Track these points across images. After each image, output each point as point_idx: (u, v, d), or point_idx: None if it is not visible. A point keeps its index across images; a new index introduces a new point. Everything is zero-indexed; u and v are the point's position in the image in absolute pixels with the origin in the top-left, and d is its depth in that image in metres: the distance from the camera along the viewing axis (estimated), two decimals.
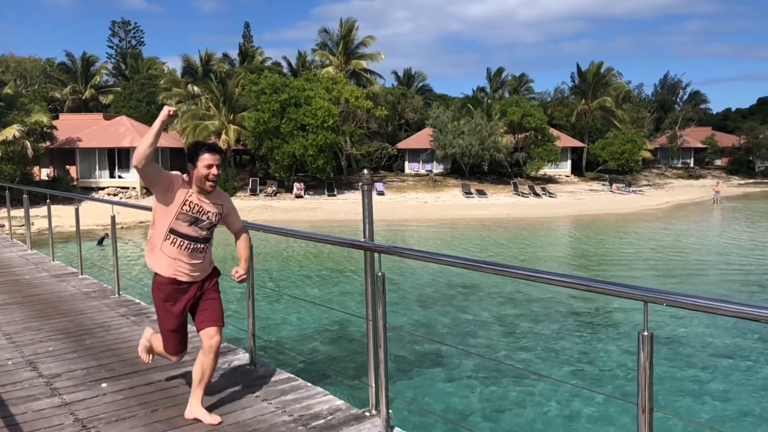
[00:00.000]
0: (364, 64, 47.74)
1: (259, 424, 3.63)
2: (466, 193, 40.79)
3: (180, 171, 3.78)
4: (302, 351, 10.39)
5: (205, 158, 3.59)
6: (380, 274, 3.61)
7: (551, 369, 9.75)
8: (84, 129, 38.68)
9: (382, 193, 39.21)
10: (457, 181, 43.67)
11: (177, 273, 3.66)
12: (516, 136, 45.13)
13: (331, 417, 3.72)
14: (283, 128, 35.69)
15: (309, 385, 4.25)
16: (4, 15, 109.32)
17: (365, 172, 3.89)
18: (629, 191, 45.36)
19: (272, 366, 4.65)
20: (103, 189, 36.68)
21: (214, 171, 3.61)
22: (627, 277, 17.56)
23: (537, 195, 41.26)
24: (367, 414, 3.74)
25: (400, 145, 47.80)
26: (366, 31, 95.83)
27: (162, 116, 3.41)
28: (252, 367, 4.56)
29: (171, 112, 3.44)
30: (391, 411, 3.68)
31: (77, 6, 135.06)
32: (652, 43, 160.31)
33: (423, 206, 36.37)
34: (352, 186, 40.03)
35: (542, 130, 44.40)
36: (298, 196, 37.20)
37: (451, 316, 12.93)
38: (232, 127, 38.19)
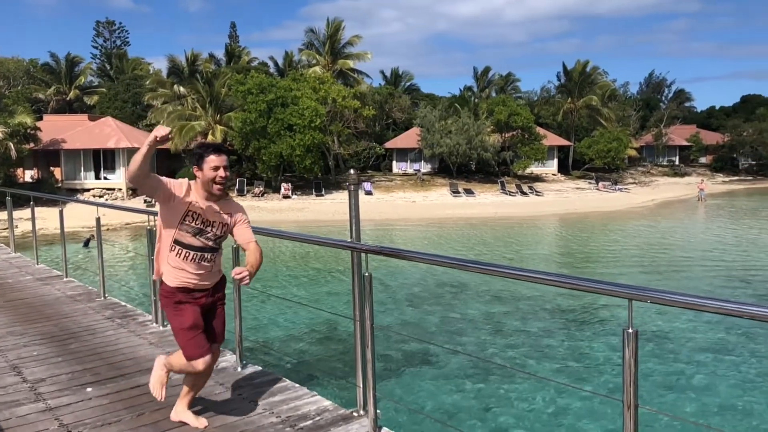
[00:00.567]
0: (351, 63, 47.70)
1: (247, 425, 3.62)
2: (454, 192, 40.89)
3: (167, 174, 3.72)
4: (290, 352, 10.36)
5: (212, 160, 3.43)
6: (367, 274, 3.62)
7: (538, 367, 9.81)
8: (68, 130, 38.31)
9: (370, 193, 39.20)
10: (445, 181, 43.77)
11: (183, 282, 3.51)
12: (503, 135, 45.30)
13: (318, 418, 3.72)
14: (270, 128, 35.57)
15: (296, 386, 4.24)
16: None
17: (351, 172, 3.89)
18: (615, 189, 45.69)
19: (259, 367, 4.63)
20: (88, 190, 36.35)
21: (222, 173, 3.44)
22: (613, 274, 17.70)
23: (524, 194, 41.45)
24: (355, 414, 3.74)
25: (388, 144, 47.82)
26: (353, 31, 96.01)
27: (150, 138, 3.22)
28: (239, 369, 4.54)
29: (160, 137, 3.21)
30: (378, 411, 3.69)
31: (61, 6, 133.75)
32: (637, 41, 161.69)
33: (411, 206, 36.41)
34: (339, 186, 39.97)
35: (529, 129, 44.60)
36: (286, 197, 37.10)
37: (439, 315, 12.96)
38: (219, 127, 37.99)
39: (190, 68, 45.24)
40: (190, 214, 3.45)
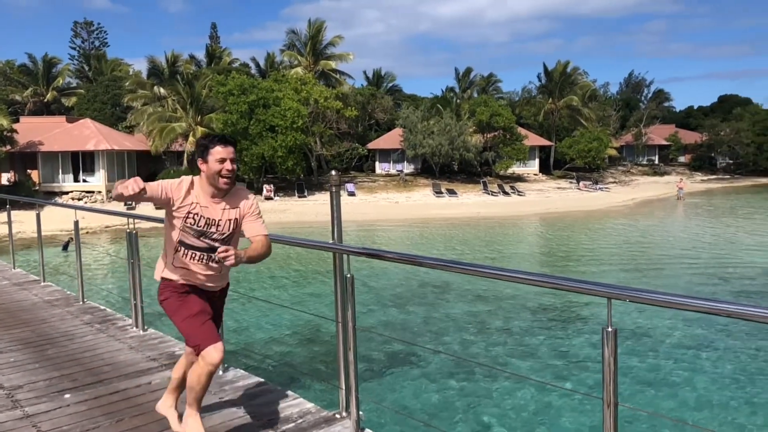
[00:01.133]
0: (333, 64, 47.64)
1: (228, 429, 3.59)
2: (437, 193, 40.99)
3: (147, 175, 3.61)
4: (272, 354, 10.31)
5: (217, 152, 3.15)
6: (349, 275, 3.61)
7: (520, 365, 9.86)
8: (46, 132, 37.75)
9: (353, 194, 39.16)
10: (428, 181, 43.87)
11: (189, 280, 3.30)
12: (485, 135, 45.53)
13: (301, 420, 3.70)
14: (251, 129, 35.38)
15: (279, 388, 4.22)
16: None
17: (333, 173, 3.88)
18: (596, 189, 46.13)
19: (241, 370, 4.60)
20: (67, 193, 35.86)
21: (228, 166, 3.15)
22: (593, 272, 17.86)
23: (506, 193, 41.68)
24: (338, 416, 3.73)
25: (371, 145, 47.82)
26: (335, 32, 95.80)
27: (115, 193, 2.99)
28: (220, 372, 4.50)
29: (127, 193, 2.94)
30: (361, 413, 3.67)
31: (37, 6, 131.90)
32: (616, 42, 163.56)
33: (394, 206, 36.43)
34: (322, 187, 39.88)
35: (510, 129, 44.88)
36: (268, 198, 36.92)
37: (421, 316, 12.98)
38: (200, 128, 37.69)
39: (171, 69, 44.86)
40: (191, 215, 3.20)
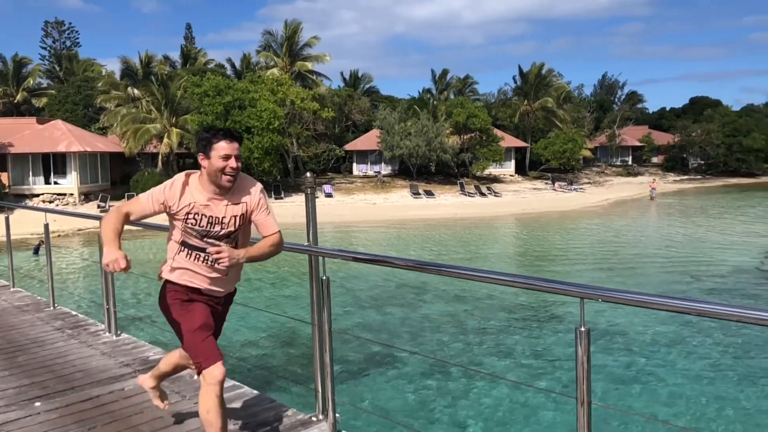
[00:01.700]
0: (310, 65, 47.50)
1: None
2: (414, 194, 41.09)
3: (121, 177, 3.50)
4: (247, 358, 10.23)
5: (221, 147, 2.90)
6: (324, 277, 3.60)
7: (495, 365, 9.93)
8: (16, 133, 36.96)
9: (330, 195, 39.07)
10: (405, 182, 43.96)
11: (193, 282, 3.06)
12: (461, 136, 45.78)
13: (277, 423, 3.68)
14: None
15: (255, 392, 4.18)
16: None
17: (308, 175, 3.87)
18: (571, 189, 46.66)
19: None
20: (38, 196, 35.17)
21: (233, 163, 2.90)
22: (568, 272, 18.07)
23: (483, 194, 41.96)
24: (314, 419, 3.72)
25: (348, 146, 47.76)
26: (312, 33, 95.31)
27: (103, 262, 2.82)
28: (196, 377, 4.44)
29: (117, 268, 2.80)
30: (338, 415, 3.67)
31: (6, 5, 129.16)
32: (591, 44, 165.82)
33: (372, 207, 36.43)
34: (299, 188, 39.68)
35: (487, 130, 45.19)
36: None
37: (398, 317, 12.99)
38: (175, 130, 37.29)
39: (145, 70, 44.26)
40: (191, 216, 2.97)
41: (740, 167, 59.37)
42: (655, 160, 64.29)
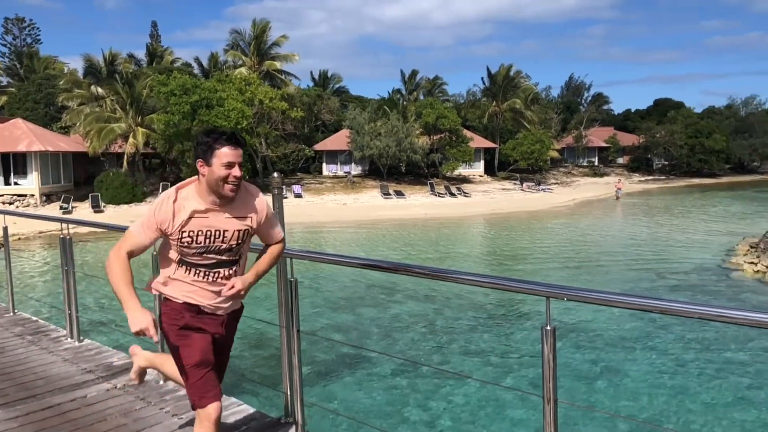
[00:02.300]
0: (278, 65, 47.15)
1: None
2: (385, 194, 41.14)
3: (85, 178, 3.36)
4: None
5: (224, 154, 2.64)
6: (292, 279, 3.57)
7: (464, 365, 10.00)
8: None
9: (300, 196, 38.86)
10: (375, 182, 43.98)
11: (193, 298, 2.82)
12: (431, 137, 45.99)
13: (245, 427, 3.64)
14: (194, 130, 34.60)
15: (222, 395, 4.12)
16: None
17: (275, 175, 3.85)
18: (539, 189, 47.28)
19: None
20: None
21: (236, 172, 2.66)
22: (536, 270, 18.30)
23: (453, 195, 42.22)
24: (282, 421, 3.69)
25: (317, 146, 47.57)
26: (280, 32, 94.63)
27: (129, 322, 2.58)
28: (161, 382, 4.37)
29: (148, 335, 2.57)
30: (306, 417, 3.64)
31: None
32: (558, 46, 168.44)
33: (342, 208, 36.34)
34: (268, 189, 39.27)
35: (456, 131, 45.50)
36: None
37: (367, 317, 12.98)
38: (141, 129, 36.64)
39: (109, 68, 43.34)
40: (186, 234, 2.70)
41: (702, 168, 60.96)
42: (620, 160, 65.57)
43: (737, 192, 49.11)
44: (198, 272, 2.77)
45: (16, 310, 6.50)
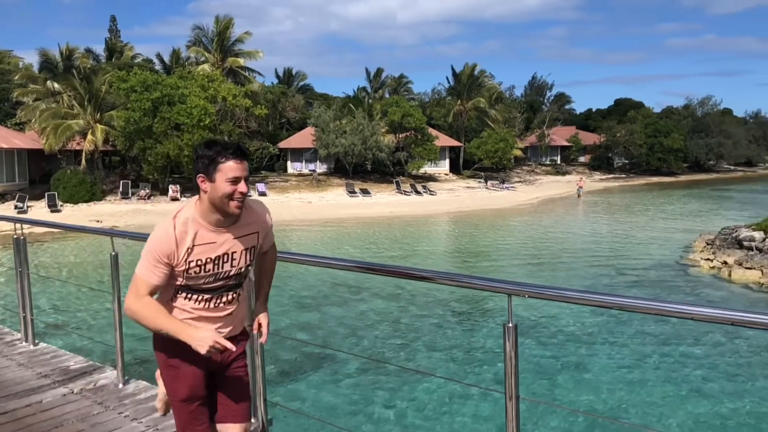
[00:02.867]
0: (242, 61, 46.57)
1: None
2: (351, 193, 41.06)
3: (41, 175, 3.17)
4: None
5: (229, 168, 2.36)
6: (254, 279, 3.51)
7: (428, 363, 10.06)
8: None
9: (264, 194, 38.49)
10: (341, 181, 43.86)
11: (191, 322, 2.53)
12: (397, 135, 46.10)
13: None
14: (155, 128, 33.97)
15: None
16: None
17: None
18: (503, 188, 47.85)
19: (143, 383, 4.38)
20: None
21: (242, 187, 2.38)
22: (501, 266, 18.53)
23: (418, 193, 42.40)
24: None
25: (282, 144, 47.19)
26: (244, 28, 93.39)
27: (185, 337, 2.35)
28: (120, 386, 4.27)
29: (223, 344, 2.35)
30: (270, 417, 3.60)
31: None
32: (520, 46, 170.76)
33: (307, 206, 36.14)
34: None
35: (422, 129, 45.69)
36: (174, 199, 35.55)
37: (333, 317, 12.95)
38: (100, 126, 35.74)
39: (65, 63, 42.19)
40: (193, 264, 2.43)
41: (661, 166, 62.56)
42: (582, 159, 66.79)
43: (694, 190, 50.58)
44: (200, 299, 2.52)
45: None
